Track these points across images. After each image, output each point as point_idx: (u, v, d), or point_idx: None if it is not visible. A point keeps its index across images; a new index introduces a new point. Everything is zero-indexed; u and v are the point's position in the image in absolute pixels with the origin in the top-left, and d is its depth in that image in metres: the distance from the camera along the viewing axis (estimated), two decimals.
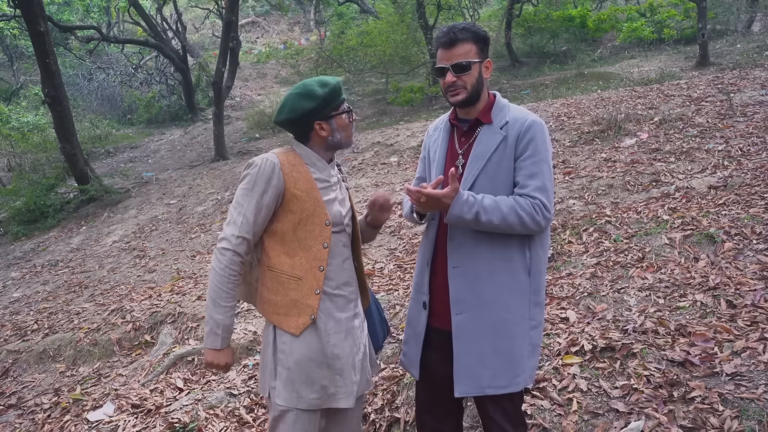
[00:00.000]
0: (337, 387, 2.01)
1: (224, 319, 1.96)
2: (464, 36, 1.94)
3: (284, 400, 1.98)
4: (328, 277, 2.02)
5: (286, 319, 1.99)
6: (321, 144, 2.05)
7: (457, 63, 1.94)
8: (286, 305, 1.99)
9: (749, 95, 7.18)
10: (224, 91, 12.84)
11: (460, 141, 2.07)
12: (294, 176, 1.98)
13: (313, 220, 1.99)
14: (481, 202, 1.87)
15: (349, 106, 2.08)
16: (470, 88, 1.97)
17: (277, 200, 1.97)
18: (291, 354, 1.98)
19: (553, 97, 10.59)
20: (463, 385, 1.97)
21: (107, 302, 5.56)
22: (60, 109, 10.07)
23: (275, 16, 28.99)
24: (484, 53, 1.99)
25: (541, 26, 16.69)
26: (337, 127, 2.03)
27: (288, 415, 1.98)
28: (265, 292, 2.04)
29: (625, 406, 2.52)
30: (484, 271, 1.95)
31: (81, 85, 19.41)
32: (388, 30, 14.77)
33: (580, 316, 3.32)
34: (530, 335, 1.98)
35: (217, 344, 1.97)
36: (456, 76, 1.95)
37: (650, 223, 4.25)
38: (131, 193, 10.91)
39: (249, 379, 3.77)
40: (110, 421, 3.53)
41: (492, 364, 1.95)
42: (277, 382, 1.99)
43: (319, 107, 1.97)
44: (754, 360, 2.58)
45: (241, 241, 1.94)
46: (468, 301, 1.96)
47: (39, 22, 9.44)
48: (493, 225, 1.88)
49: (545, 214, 1.89)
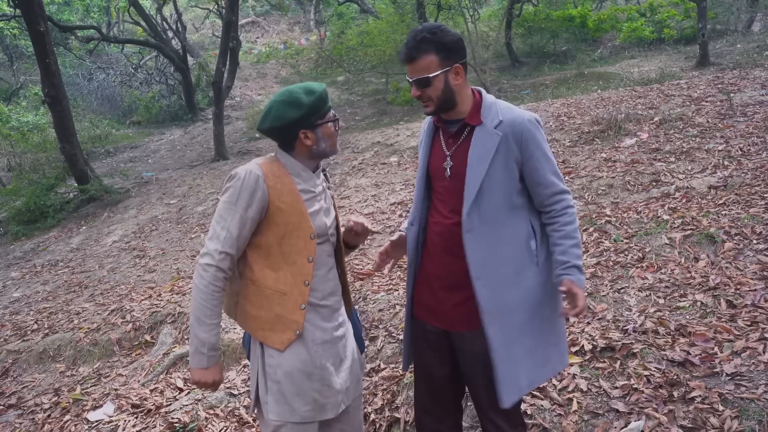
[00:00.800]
0: (326, 399, 1.99)
1: (209, 337, 1.89)
2: (425, 47, 1.87)
3: (277, 414, 1.93)
4: (314, 289, 1.98)
5: (270, 335, 1.94)
6: (305, 153, 1.98)
7: (416, 79, 1.91)
8: (270, 321, 1.94)
9: (749, 95, 7.18)
10: (224, 91, 12.84)
11: (447, 142, 2.03)
12: (278, 188, 1.91)
13: (298, 233, 1.94)
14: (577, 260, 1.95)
15: (334, 113, 2.02)
16: (436, 100, 1.93)
17: (261, 213, 1.91)
18: (280, 366, 1.93)
19: (553, 97, 10.59)
20: (508, 395, 1.96)
21: (107, 302, 5.56)
22: (60, 109, 10.07)
23: (275, 16, 29.01)
24: (451, 59, 1.90)
25: (541, 26, 16.70)
26: (322, 135, 1.96)
27: (284, 429, 1.95)
28: (248, 306, 1.98)
29: (625, 406, 2.52)
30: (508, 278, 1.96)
31: (81, 85, 19.43)
32: (388, 30, 14.77)
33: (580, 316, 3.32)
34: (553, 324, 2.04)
35: (204, 363, 1.90)
36: (419, 90, 1.93)
37: (650, 223, 4.25)
38: (131, 193, 10.91)
39: (249, 379, 3.77)
40: (110, 421, 3.53)
41: (525, 365, 1.98)
42: (269, 396, 1.95)
43: (304, 116, 1.91)
44: (754, 360, 2.58)
45: (224, 256, 1.87)
46: (497, 310, 1.96)
47: (39, 22, 9.44)
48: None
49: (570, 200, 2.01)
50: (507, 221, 1.95)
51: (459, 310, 2.01)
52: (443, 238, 2.03)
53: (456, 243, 1.98)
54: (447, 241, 2.02)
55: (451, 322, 2.04)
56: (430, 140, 2.09)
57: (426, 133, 2.13)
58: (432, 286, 2.09)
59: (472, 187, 1.92)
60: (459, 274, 1.99)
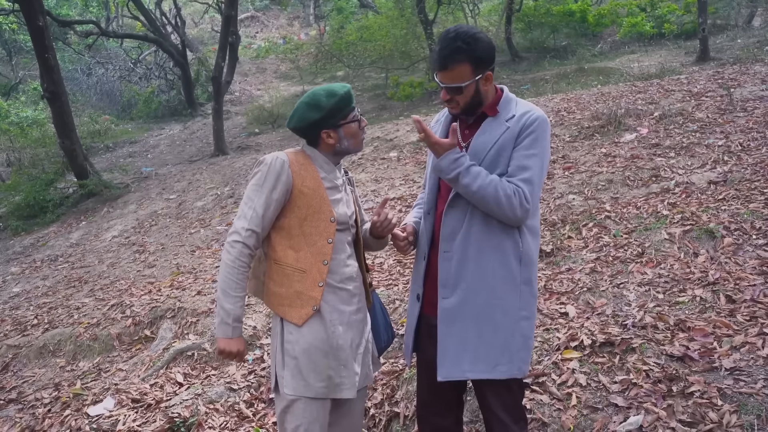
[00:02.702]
0: (342, 377, 2.06)
1: (234, 309, 2.01)
2: (459, 58, 1.90)
3: (292, 389, 2.02)
4: (332, 271, 2.08)
5: (290, 310, 2.05)
6: (329, 150, 2.13)
7: (450, 86, 1.95)
8: (290, 297, 2.05)
9: (749, 90, 7.17)
10: (223, 86, 12.82)
11: (464, 134, 2.07)
12: (302, 174, 2.06)
13: (319, 216, 2.06)
14: (468, 166, 1.90)
15: (359, 113, 2.14)
16: (464, 104, 1.99)
17: (286, 196, 2.04)
18: (297, 343, 2.03)
19: (553, 92, 10.57)
20: (445, 369, 1.98)
21: (107, 297, 5.56)
22: (59, 104, 10.05)
23: (274, 11, 28.93)
24: (482, 68, 1.93)
25: (541, 21, 16.62)
26: (345, 135, 2.11)
27: (296, 404, 2.02)
28: (271, 284, 2.10)
29: (624, 401, 2.53)
30: (473, 255, 1.95)
31: (80, 80, 19.36)
32: (388, 25, 14.72)
33: (579, 311, 3.33)
34: (521, 326, 1.98)
35: (228, 333, 2.02)
36: (449, 95, 1.97)
37: (650, 219, 4.25)
38: (131, 188, 10.90)
39: (249, 374, 3.78)
40: (110, 415, 3.54)
41: (473, 348, 1.96)
42: (285, 371, 2.04)
43: (325, 117, 2.05)
44: (753, 355, 2.59)
45: (250, 234, 2.01)
46: (454, 285, 1.97)
47: (38, 17, 9.41)
48: (471, 191, 1.89)
49: (524, 204, 1.88)
50: None
51: None
52: None
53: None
54: None
55: None
56: (445, 131, 2.11)
57: (442, 123, 2.16)
58: (437, 279, 2.09)
59: None
60: None
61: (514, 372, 1.97)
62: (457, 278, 1.97)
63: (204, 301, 4.78)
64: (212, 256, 6.23)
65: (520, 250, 1.96)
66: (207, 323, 4.43)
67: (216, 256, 6.21)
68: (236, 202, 8.39)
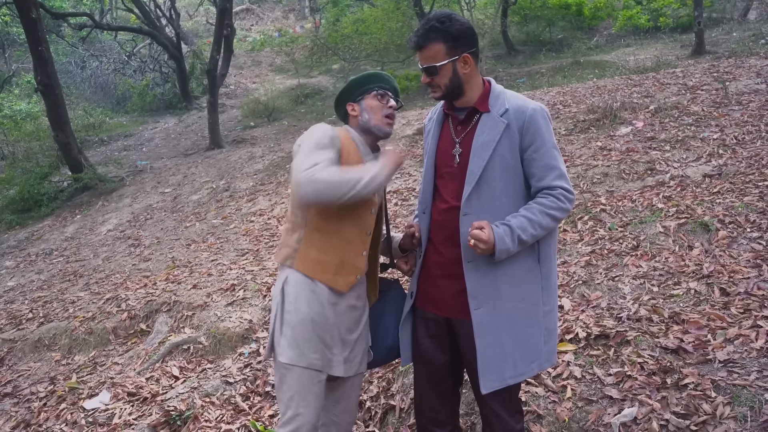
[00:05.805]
0: (333, 355, 2.10)
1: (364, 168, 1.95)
2: (432, 36, 1.91)
3: (288, 358, 2.06)
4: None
5: (335, 278, 2.09)
6: (356, 125, 2.19)
7: (425, 67, 1.96)
8: (335, 265, 2.09)
9: (745, 84, 7.18)
10: (219, 79, 12.76)
11: (456, 130, 2.06)
12: (347, 147, 2.11)
13: None
14: (514, 227, 1.88)
15: (386, 91, 2.17)
16: (444, 87, 1.98)
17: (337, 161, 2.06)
18: (296, 314, 2.07)
19: (549, 86, 10.57)
20: (489, 381, 1.96)
21: (102, 291, 5.55)
22: (53, 97, 10.00)
23: (270, 4, 28.80)
24: (459, 49, 1.92)
25: (537, 14, 16.62)
26: (365, 107, 2.16)
27: (292, 372, 2.06)
28: (313, 252, 2.10)
29: (619, 393, 2.54)
30: (496, 263, 1.94)
31: (74, 73, 19.28)
32: (384, 18, 14.69)
33: (574, 303, 3.34)
34: (545, 320, 2.01)
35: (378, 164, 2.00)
36: (428, 77, 1.98)
37: (645, 212, 4.26)
38: (125, 181, 10.87)
39: (245, 368, 3.78)
40: (106, 409, 3.54)
41: (512, 355, 1.97)
42: (283, 340, 2.08)
43: (349, 89, 2.18)
44: (747, 347, 2.60)
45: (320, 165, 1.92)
46: (485, 295, 1.96)
47: (31, 9, 9.34)
48: (537, 236, 1.92)
49: (569, 197, 1.94)
50: (506, 209, 1.95)
51: (460, 298, 2.01)
52: (445, 224, 2.04)
53: (456, 230, 1.99)
54: (448, 227, 2.03)
55: (453, 310, 2.05)
56: (439, 127, 2.11)
57: (435, 121, 2.14)
58: (432, 274, 2.10)
59: (474, 173, 1.94)
60: (459, 263, 2.00)
61: (544, 365, 2.01)
62: (488, 289, 1.96)
63: (199, 294, 4.78)
64: (207, 250, 6.22)
65: (537, 248, 1.98)
66: (202, 317, 4.43)
67: (211, 249, 6.21)
68: (231, 196, 8.37)
